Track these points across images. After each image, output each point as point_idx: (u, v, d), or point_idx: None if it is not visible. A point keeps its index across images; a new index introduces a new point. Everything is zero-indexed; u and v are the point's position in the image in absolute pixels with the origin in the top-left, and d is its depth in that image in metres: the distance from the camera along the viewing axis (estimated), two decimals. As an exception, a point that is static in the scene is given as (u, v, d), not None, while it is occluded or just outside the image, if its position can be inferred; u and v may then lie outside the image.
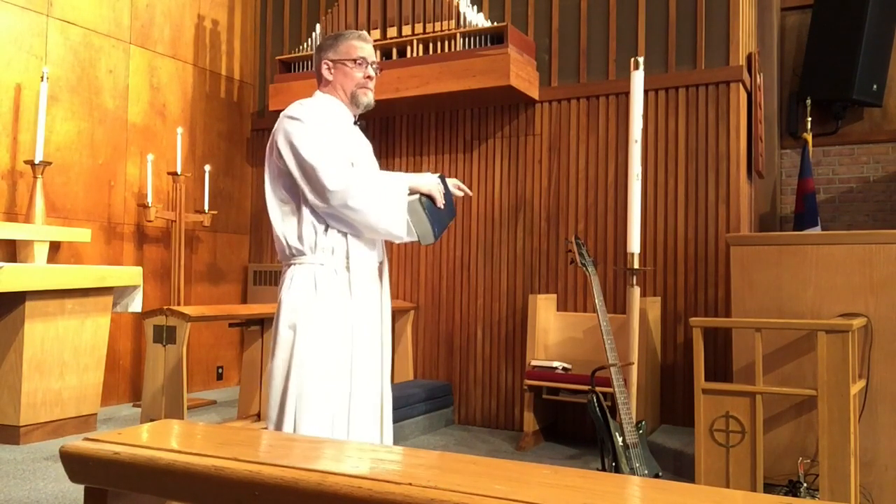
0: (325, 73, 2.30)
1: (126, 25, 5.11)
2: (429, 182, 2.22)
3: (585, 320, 4.46)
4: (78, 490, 2.86)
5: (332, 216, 2.12)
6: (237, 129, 5.96)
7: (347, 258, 2.14)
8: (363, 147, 2.35)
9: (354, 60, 2.28)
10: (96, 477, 1.11)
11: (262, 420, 4.36)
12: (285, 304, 2.12)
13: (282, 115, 2.20)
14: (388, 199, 2.12)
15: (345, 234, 2.14)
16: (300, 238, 2.13)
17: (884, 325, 3.11)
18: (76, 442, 1.13)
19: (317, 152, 2.09)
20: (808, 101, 5.26)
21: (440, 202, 2.23)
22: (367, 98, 2.32)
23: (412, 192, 2.20)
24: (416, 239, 2.25)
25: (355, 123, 2.35)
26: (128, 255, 5.07)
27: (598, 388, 3.32)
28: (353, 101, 2.30)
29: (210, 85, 5.74)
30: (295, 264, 2.15)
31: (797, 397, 3.15)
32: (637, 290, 3.43)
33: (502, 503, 0.87)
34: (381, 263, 2.29)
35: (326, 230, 2.13)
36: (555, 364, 4.28)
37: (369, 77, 2.30)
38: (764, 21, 5.24)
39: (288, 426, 2.05)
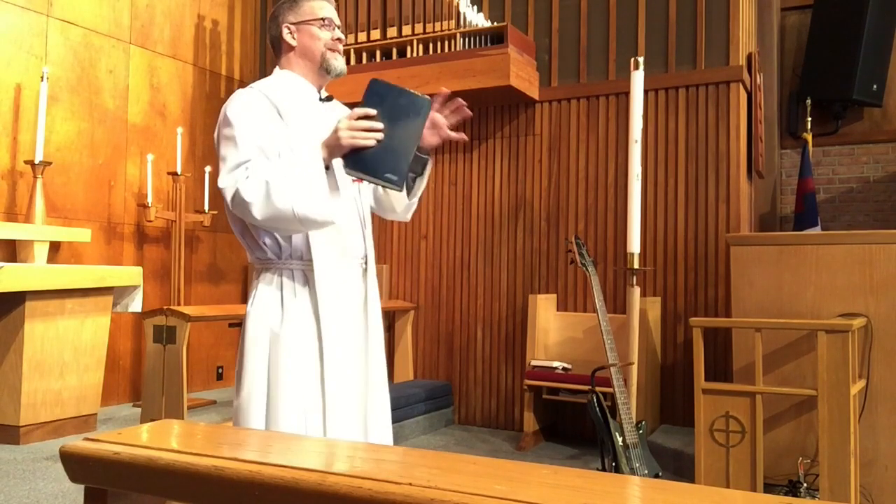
0: (286, 38, 1.97)
1: (126, 25, 5.11)
2: (338, 135, 1.72)
3: (585, 320, 4.46)
4: (78, 490, 2.86)
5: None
6: (237, 129, 5.96)
7: (315, 260, 1.88)
8: (331, 125, 1.94)
9: (322, 20, 1.97)
10: (96, 477, 1.11)
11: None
12: (251, 317, 1.91)
13: (226, 103, 1.92)
14: (300, 192, 1.72)
15: (306, 235, 1.88)
16: (262, 243, 1.91)
17: (884, 325, 3.11)
18: (76, 442, 1.13)
19: (228, 149, 1.82)
20: (808, 101, 5.26)
21: (364, 142, 1.70)
22: (339, 63, 1.99)
23: (327, 158, 1.76)
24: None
25: (322, 100, 2.02)
26: (128, 255, 5.07)
27: (598, 388, 3.32)
28: (322, 65, 1.97)
29: (210, 85, 5.74)
30: (262, 270, 1.94)
31: (797, 397, 3.15)
32: (637, 290, 3.43)
33: (502, 503, 0.87)
34: (364, 259, 2.01)
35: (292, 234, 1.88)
36: (555, 364, 4.28)
37: (338, 40, 1.99)
38: (764, 21, 5.24)
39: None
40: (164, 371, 3.76)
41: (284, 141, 1.86)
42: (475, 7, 4.84)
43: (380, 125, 1.71)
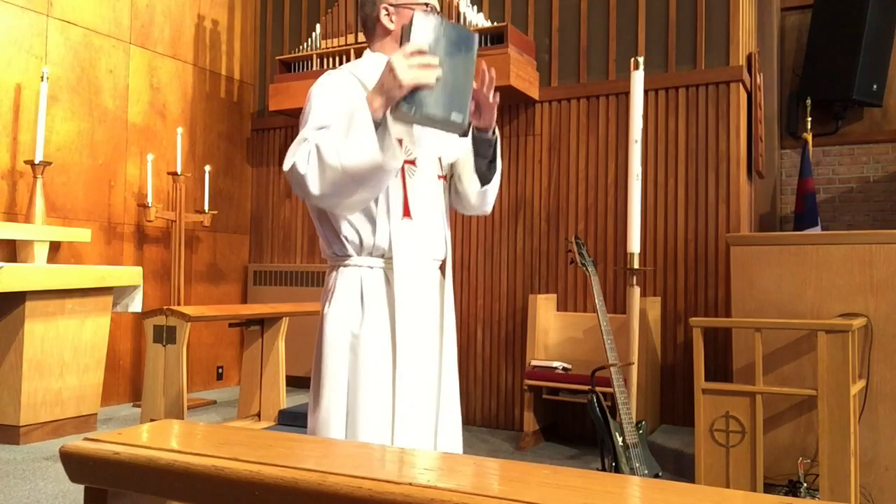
0: (384, 20, 1.86)
1: (126, 25, 5.11)
2: (394, 75, 1.54)
3: (585, 320, 4.46)
4: (78, 490, 2.86)
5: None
6: (237, 129, 5.96)
7: (395, 259, 1.78)
8: None
9: (424, 5, 1.87)
10: (96, 477, 1.11)
11: (263, 420, 4.36)
12: (329, 319, 1.80)
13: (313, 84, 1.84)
14: (346, 144, 1.58)
15: (389, 231, 1.79)
16: (343, 237, 1.80)
17: (884, 325, 3.11)
18: (76, 442, 1.13)
19: (300, 129, 1.72)
20: (808, 101, 5.26)
21: (426, 79, 1.54)
22: None
23: (383, 105, 1.59)
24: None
25: None
26: (128, 255, 5.07)
27: (598, 388, 3.32)
28: None
29: (210, 85, 5.74)
30: (339, 266, 1.83)
31: (797, 397, 3.15)
32: (637, 290, 3.43)
33: (502, 503, 0.87)
34: (442, 262, 1.93)
35: (374, 227, 1.78)
36: (555, 364, 4.28)
37: None
38: (764, 21, 5.24)
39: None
40: (164, 371, 3.76)
41: None
42: (475, 7, 4.84)
43: (437, 60, 1.54)
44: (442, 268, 1.95)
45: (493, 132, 1.91)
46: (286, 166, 1.65)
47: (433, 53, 1.56)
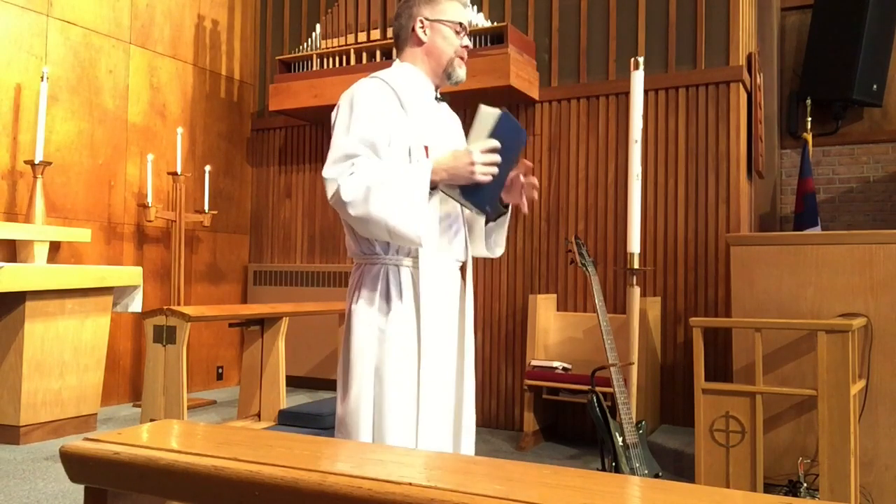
0: (419, 32, 1.94)
1: (126, 25, 5.11)
2: (470, 168, 1.76)
3: (585, 320, 4.46)
4: (78, 490, 2.86)
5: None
6: (237, 129, 5.96)
7: (421, 258, 1.84)
8: (445, 126, 2.03)
9: (460, 24, 1.98)
10: (96, 477, 1.11)
11: (263, 420, 4.36)
12: (357, 315, 1.86)
13: (348, 90, 1.92)
14: (398, 205, 1.72)
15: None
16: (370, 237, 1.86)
17: (884, 325, 3.11)
18: (76, 442, 1.13)
19: (339, 137, 1.81)
20: (808, 101, 5.26)
21: (479, 177, 1.77)
22: (462, 72, 2.01)
23: (441, 180, 1.78)
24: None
25: (438, 99, 2.02)
26: (128, 255, 5.07)
27: (598, 388, 3.32)
28: (447, 70, 1.98)
29: (210, 85, 5.74)
30: (366, 264, 1.90)
31: (797, 397, 3.15)
32: (637, 290, 3.43)
33: (502, 503, 0.87)
34: (463, 263, 1.99)
35: None
36: (555, 364, 4.28)
37: (466, 48, 2.00)
38: (764, 21, 5.24)
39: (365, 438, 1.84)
40: (164, 371, 3.76)
41: (402, 132, 1.85)
42: (475, 7, 4.84)
43: (499, 160, 1.79)
44: (462, 270, 1.99)
45: (507, 210, 2.06)
46: (331, 184, 1.77)
47: (499, 149, 1.77)
